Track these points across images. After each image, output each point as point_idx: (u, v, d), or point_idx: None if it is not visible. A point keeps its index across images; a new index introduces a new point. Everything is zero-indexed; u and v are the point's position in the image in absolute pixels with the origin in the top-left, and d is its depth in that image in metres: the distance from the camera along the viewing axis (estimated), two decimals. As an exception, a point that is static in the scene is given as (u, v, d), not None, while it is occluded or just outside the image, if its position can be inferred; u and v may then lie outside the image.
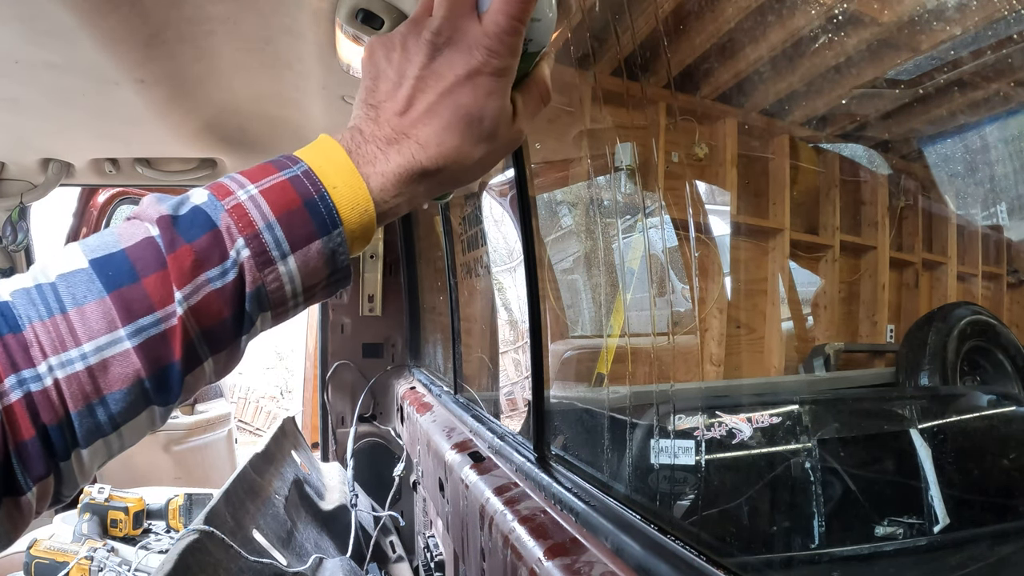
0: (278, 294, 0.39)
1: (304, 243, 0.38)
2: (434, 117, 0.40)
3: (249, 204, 0.38)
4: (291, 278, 0.39)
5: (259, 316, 0.39)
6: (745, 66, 1.38)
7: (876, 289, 1.60)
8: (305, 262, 0.39)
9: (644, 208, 1.09)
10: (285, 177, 0.39)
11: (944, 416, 1.01)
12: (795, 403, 0.98)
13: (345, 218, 0.39)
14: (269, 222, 0.38)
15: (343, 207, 0.39)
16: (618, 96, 1.14)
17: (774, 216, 1.59)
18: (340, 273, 0.41)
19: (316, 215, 0.39)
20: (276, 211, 0.38)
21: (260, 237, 0.37)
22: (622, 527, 0.67)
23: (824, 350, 1.53)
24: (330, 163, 0.40)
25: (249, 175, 0.40)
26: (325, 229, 0.39)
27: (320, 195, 0.39)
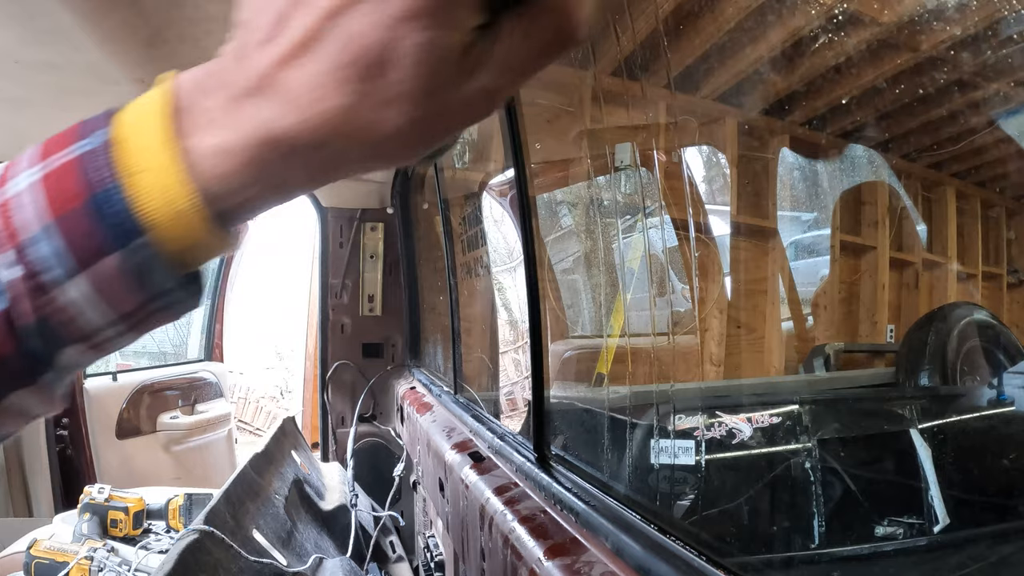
0: (73, 326, 0.26)
1: (94, 257, 0.25)
2: (310, 54, 0.23)
3: (25, 197, 0.25)
4: (88, 304, 0.26)
5: (59, 352, 0.27)
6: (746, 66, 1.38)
7: (876, 289, 1.60)
8: (100, 284, 0.26)
9: (644, 208, 1.09)
10: (78, 153, 0.26)
11: (944, 416, 1.01)
12: (795, 403, 0.98)
13: (154, 220, 0.25)
14: (46, 225, 0.25)
15: (149, 203, 0.25)
16: (618, 96, 1.14)
17: (773, 216, 1.60)
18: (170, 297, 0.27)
19: (104, 217, 0.25)
20: (55, 209, 0.25)
21: (34, 247, 0.25)
22: (622, 527, 0.67)
23: (824, 350, 1.53)
24: (143, 129, 0.26)
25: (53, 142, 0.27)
26: (120, 239, 0.25)
27: (112, 186, 0.25)
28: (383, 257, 2.34)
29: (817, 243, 1.79)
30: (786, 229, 1.74)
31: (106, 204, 0.25)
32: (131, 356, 4.67)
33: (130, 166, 0.25)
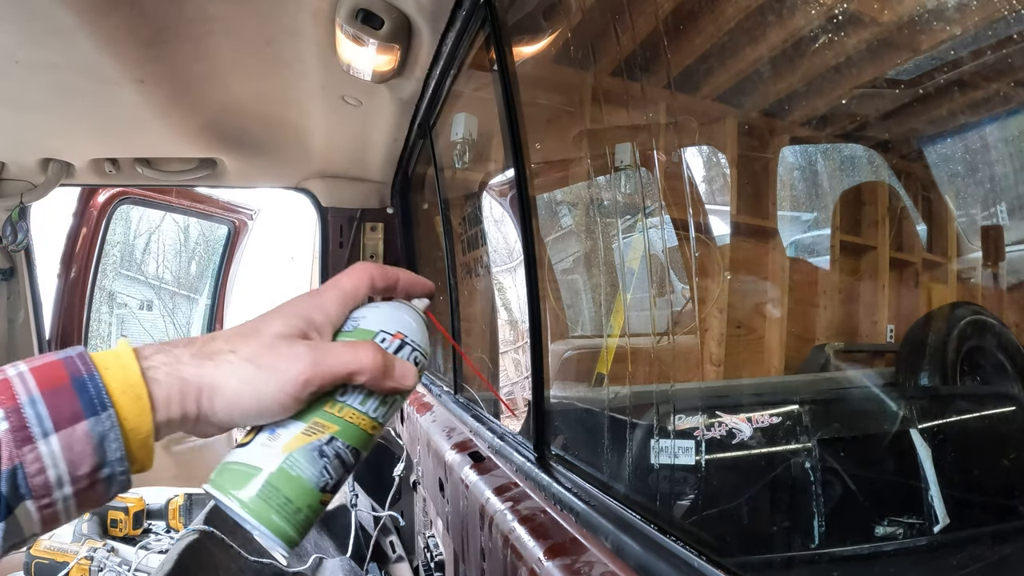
0: (39, 479, 0.34)
1: (69, 422, 0.35)
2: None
3: (16, 379, 0.36)
4: (54, 460, 0.34)
5: (19, 504, 0.34)
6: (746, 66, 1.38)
7: (876, 289, 1.60)
8: (69, 444, 0.35)
9: (644, 208, 1.09)
10: (58, 358, 0.37)
11: (944, 416, 1.01)
12: (795, 403, 0.98)
13: (117, 401, 0.36)
14: (33, 397, 0.35)
15: (114, 388, 0.37)
16: (618, 96, 1.14)
17: (773, 216, 1.59)
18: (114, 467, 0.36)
19: (83, 393, 0.36)
20: (42, 386, 0.35)
21: (21, 411, 0.34)
22: (622, 527, 0.67)
23: (824, 350, 1.53)
24: (112, 352, 0.39)
25: (29, 360, 0.38)
26: (92, 409, 0.36)
27: (90, 374, 0.36)
28: (383, 257, 2.34)
29: (817, 243, 1.79)
30: (786, 229, 1.74)
31: (86, 385, 0.36)
32: (131, 356, 4.65)
33: (104, 364, 0.37)
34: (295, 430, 0.42)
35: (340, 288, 0.46)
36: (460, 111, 1.50)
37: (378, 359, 0.42)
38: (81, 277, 2.79)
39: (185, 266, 5.12)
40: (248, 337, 0.41)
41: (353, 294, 0.47)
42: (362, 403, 0.44)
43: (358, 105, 1.58)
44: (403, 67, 1.31)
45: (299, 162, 2.11)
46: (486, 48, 1.13)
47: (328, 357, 0.41)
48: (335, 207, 2.31)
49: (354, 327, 0.46)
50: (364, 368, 0.42)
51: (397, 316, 0.47)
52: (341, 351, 0.42)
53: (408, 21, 1.16)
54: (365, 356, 0.42)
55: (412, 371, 0.45)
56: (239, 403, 0.40)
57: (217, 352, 0.40)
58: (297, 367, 0.40)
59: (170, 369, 0.39)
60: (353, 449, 0.44)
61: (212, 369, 0.39)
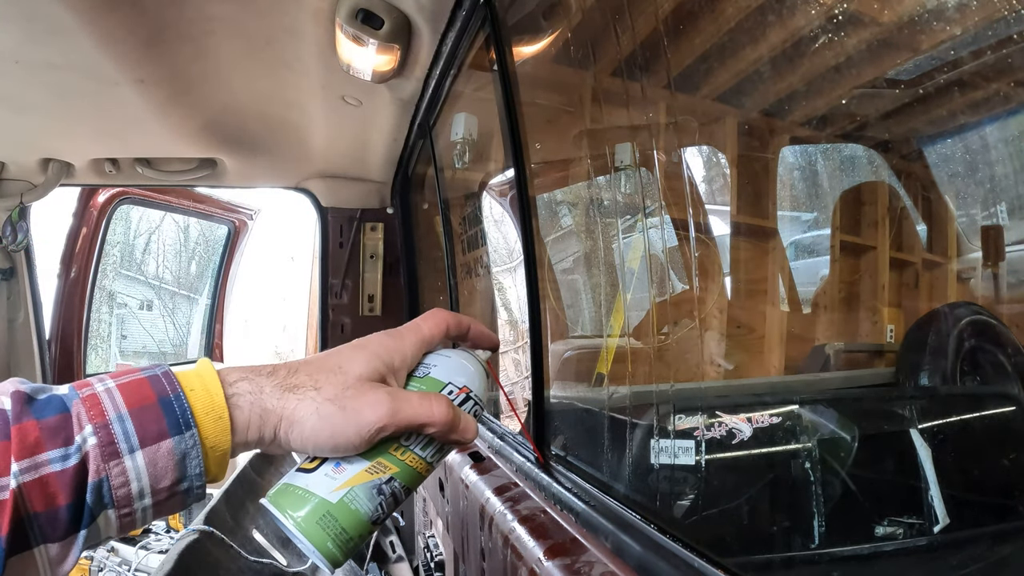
0: (123, 490, 0.37)
1: (154, 440, 0.37)
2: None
3: (104, 395, 0.38)
4: (138, 475, 0.37)
5: (101, 513, 0.37)
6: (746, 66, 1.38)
7: (876, 289, 1.60)
8: (154, 460, 0.37)
9: (644, 208, 1.09)
10: (144, 376, 0.39)
11: (944, 416, 1.01)
12: (795, 403, 0.98)
13: (200, 421, 0.39)
14: (121, 414, 0.37)
15: (198, 410, 0.39)
16: (618, 96, 1.14)
17: (773, 216, 1.59)
18: (193, 481, 0.39)
19: (169, 413, 0.38)
20: (130, 404, 0.37)
21: (109, 427, 0.37)
22: (622, 527, 0.67)
23: (824, 350, 1.53)
24: (195, 373, 0.41)
25: (113, 374, 0.40)
26: (177, 429, 0.38)
27: (176, 394, 0.39)
28: (383, 257, 2.34)
29: (817, 243, 1.79)
30: (786, 229, 1.74)
31: (172, 405, 0.38)
32: (131, 356, 4.67)
33: (190, 385, 0.39)
34: (359, 467, 0.45)
35: (420, 334, 0.49)
36: (460, 111, 1.50)
37: (449, 415, 0.45)
38: (81, 277, 2.79)
39: (185, 266, 5.12)
40: (332, 374, 0.43)
41: (430, 340, 0.49)
42: (423, 448, 0.47)
43: (358, 105, 1.58)
44: (403, 67, 1.31)
45: (299, 162, 2.11)
46: (486, 48, 1.13)
47: (406, 407, 0.44)
48: (335, 207, 2.31)
49: (425, 374, 0.49)
50: (436, 422, 0.45)
51: (464, 369, 0.50)
52: (417, 403, 0.44)
53: (408, 21, 1.16)
54: (439, 411, 0.45)
55: (474, 426, 0.48)
56: (315, 438, 0.42)
57: (300, 386, 0.42)
58: (377, 413, 0.43)
59: (253, 399, 0.41)
60: (406, 488, 0.47)
61: (295, 403, 0.42)
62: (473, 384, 0.50)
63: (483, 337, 0.53)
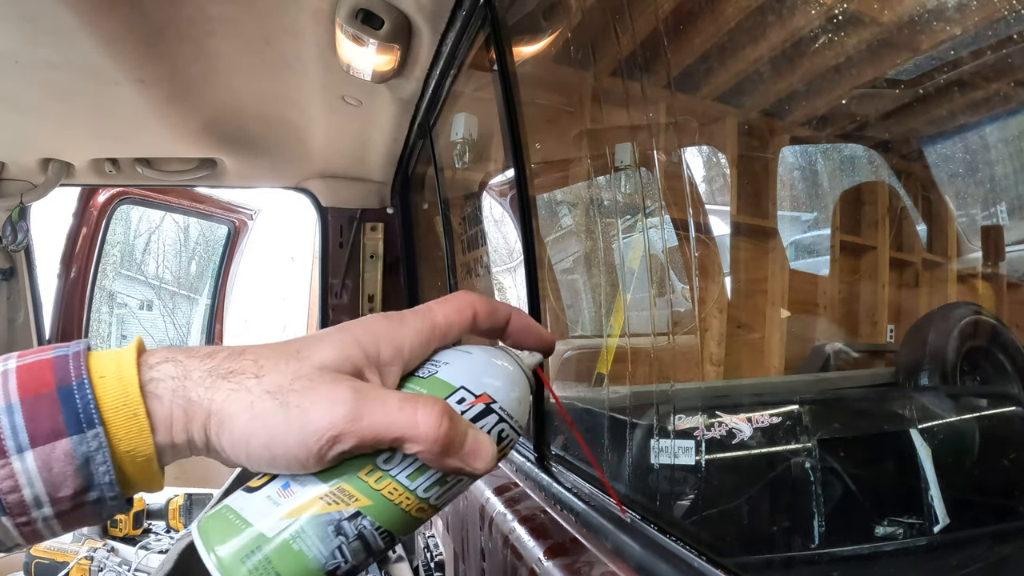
0: (14, 496, 0.29)
1: (47, 438, 0.29)
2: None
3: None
4: (30, 479, 0.29)
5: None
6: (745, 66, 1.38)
7: (876, 289, 1.60)
8: (47, 463, 0.29)
9: (644, 208, 1.09)
10: (51, 356, 0.31)
11: (944, 416, 1.01)
12: (795, 403, 0.98)
13: (107, 418, 0.29)
14: (11, 403, 0.29)
15: (106, 403, 0.30)
16: (618, 96, 1.14)
17: (773, 216, 1.59)
18: (103, 491, 0.30)
19: (68, 406, 0.29)
20: (23, 392, 0.29)
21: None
22: (622, 527, 0.67)
23: (824, 350, 1.53)
24: (114, 355, 0.31)
25: (24, 352, 0.32)
26: (77, 426, 0.29)
27: (79, 382, 0.30)
28: (383, 257, 2.34)
29: (817, 243, 1.79)
30: (786, 229, 1.74)
31: (74, 395, 0.29)
32: (131, 356, 4.66)
33: (100, 370, 0.30)
34: (313, 492, 0.32)
35: (430, 320, 0.35)
36: (460, 111, 1.50)
37: (441, 427, 0.31)
38: (81, 277, 2.79)
39: (185, 266, 5.12)
40: (283, 359, 0.31)
41: (444, 330, 0.36)
42: (410, 477, 0.33)
43: (358, 105, 1.58)
44: (403, 67, 1.31)
45: (299, 162, 2.11)
46: (486, 48, 1.13)
47: (374, 411, 0.30)
48: (335, 207, 2.31)
49: (430, 374, 0.35)
50: (419, 436, 0.31)
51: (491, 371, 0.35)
52: (394, 406, 0.31)
53: (408, 21, 1.16)
54: (424, 419, 0.31)
55: (489, 449, 0.33)
56: (246, 445, 0.31)
57: (237, 372, 0.31)
58: (331, 416, 0.30)
59: (176, 385, 0.31)
60: (384, 532, 0.33)
61: (226, 393, 0.31)
62: (502, 394, 0.35)
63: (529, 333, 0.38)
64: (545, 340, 0.39)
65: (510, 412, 0.35)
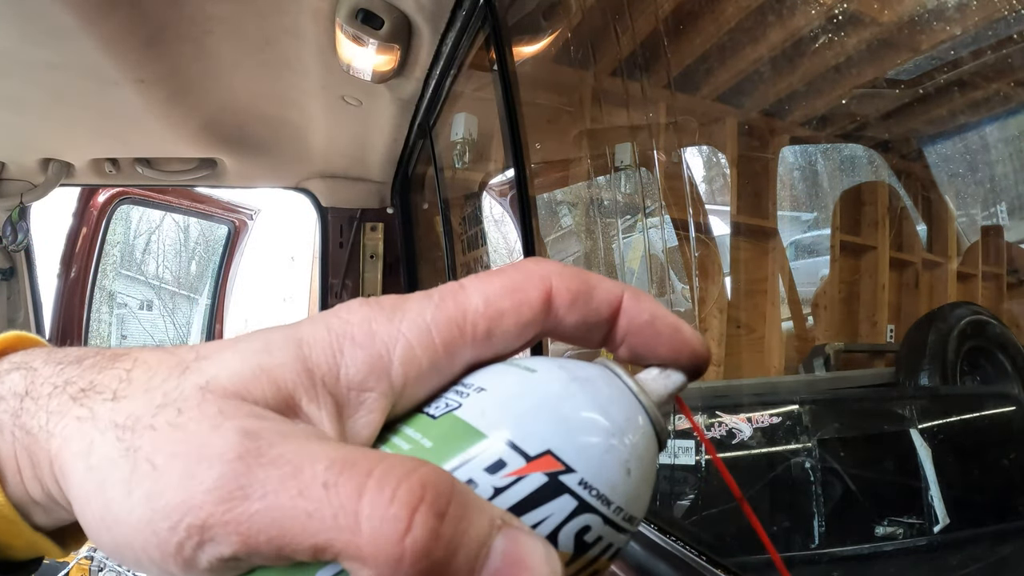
0: None
1: None
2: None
3: None
4: None
5: None
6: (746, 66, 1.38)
7: (876, 289, 1.60)
8: None
9: (644, 208, 1.09)
10: None
11: (944, 416, 1.01)
12: (795, 403, 0.98)
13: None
14: None
15: None
16: (618, 96, 1.14)
17: (773, 216, 1.59)
18: None
19: None
20: None
21: None
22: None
23: (824, 350, 1.53)
24: None
25: None
26: None
27: None
28: (383, 257, 2.34)
29: (817, 243, 1.79)
30: (786, 229, 1.74)
31: None
32: (131, 356, 4.66)
33: None
34: None
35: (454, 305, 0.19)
36: (460, 111, 1.50)
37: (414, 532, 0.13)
38: (81, 277, 2.79)
39: (185, 266, 5.12)
40: (165, 369, 0.17)
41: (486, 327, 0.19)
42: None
43: (358, 105, 1.58)
44: (403, 67, 1.31)
45: (299, 162, 2.11)
46: (486, 48, 1.13)
47: (271, 487, 0.14)
48: (335, 207, 2.31)
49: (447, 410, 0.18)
50: (362, 547, 0.13)
51: (572, 410, 0.17)
52: (316, 478, 0.14)
53: (408, 21, 1.16)
54: (376, 510, 0.13)
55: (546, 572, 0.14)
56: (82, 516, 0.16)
57: (95, 388, 0.17)
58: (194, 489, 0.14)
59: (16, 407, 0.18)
60: None
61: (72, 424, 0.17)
62: (594, 457, 0.16)
63: (660, 334, 0.19)
64: (692, 347, 0.20)
65: (607, 494, 0.16)
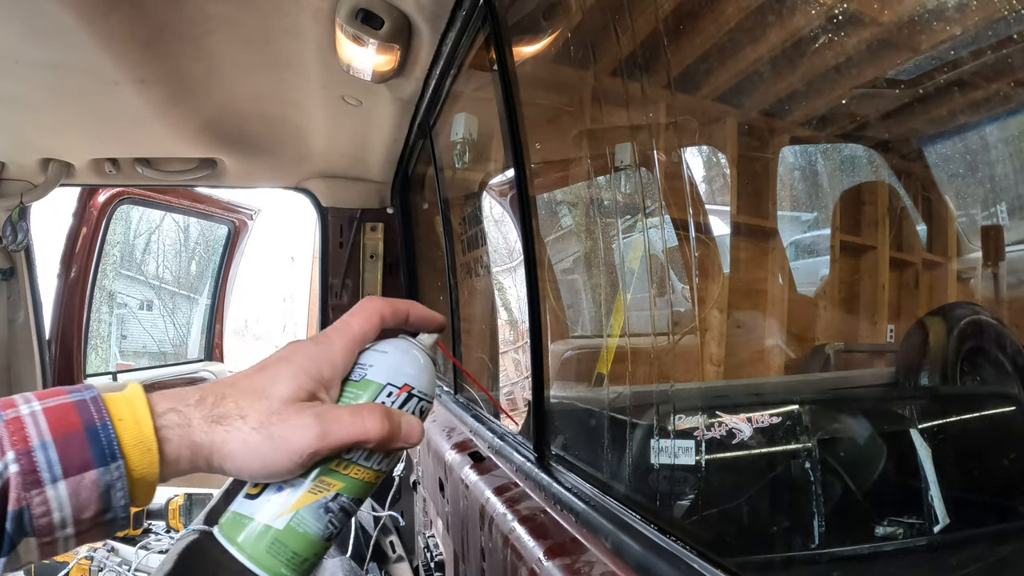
0: (44, 520, 0.35)
1: (78, 470, 0.36)
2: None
3: (28, 419, 0.36)
4: (60, 505, 0.35)
5: (22, 541, 0.35)
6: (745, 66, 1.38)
7: (876, 289, 1.60)
8: (77, 491, 0.36)
9: (644, 208, 1.09)
10: (71, 400, 0.37)
11: (944, 416, 1.01)
12: (795, 403, 0.98)
13: (127, 453, 0.37)
14: (44, 441, 0.35)
15: (126, 440, 0.37)
16: (618, 96, 1.14)
17: (773, 216, 1.59)
18: (118, 512, 0.38)
19: (95, 443, 0.36)
20: (55, 431, 0.36)
21: (32, 455, 0.35)
22: (622, 527, 0.67)
23: (824, 350, 1.53)
24: (125, 400, 0.39)
25: (39, 394, 0.38)
26: (103, 459, 0.36)
27: (103, 423, 0.37)
28: (383, 257, 2.34)
29: (817, 243, 1.79)
30: (786, 229, 1.74)
31: (98, 434, 0.37)
32: (131, 356, 4.67)
33: (118, 414, 0.38)
34: (301, 489, 0.43)
35: (350, 334, 0.45)
36: (460, 111, 1.50)
37: (384, 426, 0.43)
38: (81, 277, 2.79)
39: (185, 266, 5.12)
40: (256, 399, 0.41)
41: (362, 337, 0.46)
42: (367, 459, 0.45)
43: (358, 105, 1.58)
44: (403, 67, 1.31)
45: (299, 162, 2.11)
46: (486, 48, 1.13)
47: (335, 428, 0.42)
48: (335, 207, 2.31)
49: (362, 376, 0.45)
50: (371, 436, 0.42)
51: (404, 363, 0.47)
52: (349, 421, 0.42)
53: (408, 21, 1.16)
54: (372, 425, 0.42)
55: (418, 427, 0.45)
56: (248, 469, 0.41)
57: (227, 416, 0.40)
58: (305, 439, 0.41)
59: (182, 432, 0.39)
60: (356, 500, 0.45)
61: (223, 435, 0.40)
62: (416, 380, 0.46)
63: (426, 320, 0.49)
64: (438, 321, 0.50)
65: (425, 392, 0.47)
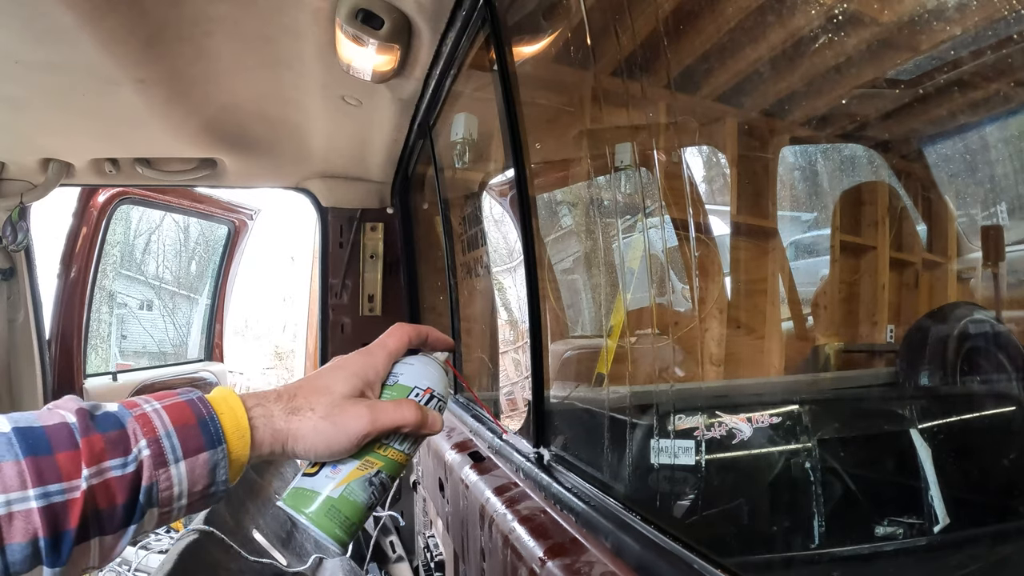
0: (167, 493, 0.46)
1: (194, 452, 0.47)
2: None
3: (153, 415, 0.47)
4: (180, 480, 0.46)
5: (148, 511, 0.46)
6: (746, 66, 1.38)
7: (876, 289, 1.60)
8: (192, 469, 0.47)
9: (644, 208, 1.09)
10: (183, 399, 0.49)
11: (944, 416, 1.01)
12: (795, 403, 0.97)
13: (229, 439, 0.49)
14: (168, 431, 0.46)
15: (228, 429, 0.49)
16: (618, 96, 1.14)
17: (773, 216, 1.59)
18: (219, 486, 0.49)
19: (206, 432, 0.48)
20: (175, 423, 0.47)
21: (159, 442, 0.46)
22: (622, 527, 0.67)
23: (824, 350, 1.53)
24: (222, 398, 0.51)
25: (156, 396, 0.49)
26: (212, 444, 0.48)
27: (211, 416, 0.49)
28: (383, 257, 2.34)
29: (817, 243, 1.79)
30: (786, 229, 1.74)
31: (208, 425, 0.48)
32: (131, 356, 4.67)
33: (220, 409, 0.50)
34: (352, 466, 0.56)
35: (387, 349, 0.60)
36: (460, 111, 1.50)
37: (418, 415, 0.56)
38: (81, 277, 2.79)
39: (185, 266, 5.12)
40: (322, 396, 0.54)
41: (395, 352, 0.60)
42: (400, 444, 0.58)
43: (358, 105, 1.58)
44: (403, 67, 1.31)
45: (299, 162, 2.11)
46: (486, 48, 1.13)
47: (382, 415, 0.55)
48: (335, 207, 2.31)
49: (395, 382, 0.59)
50: (408, 423, 0.56)
51: (426, 372, 0.61)
52: (392, 410, 0.55)
53: (408, 21, 1.16)
54: (409, 414, 0.56)
55: (439, 419, 0.60)
56: (315, 448, 0.53)
57: (300, 408, 0.53)
58: (360, 423, 0.54)
59: (267, 421, 0.52)
60: (391, 476, 0.58)
61: (297, 423, 0.52)
62: (435, 384, 0.60)
63: (440, 341, 0.64)
64: (449, 343, 0.65)
65: (442, 394, 0.61)
